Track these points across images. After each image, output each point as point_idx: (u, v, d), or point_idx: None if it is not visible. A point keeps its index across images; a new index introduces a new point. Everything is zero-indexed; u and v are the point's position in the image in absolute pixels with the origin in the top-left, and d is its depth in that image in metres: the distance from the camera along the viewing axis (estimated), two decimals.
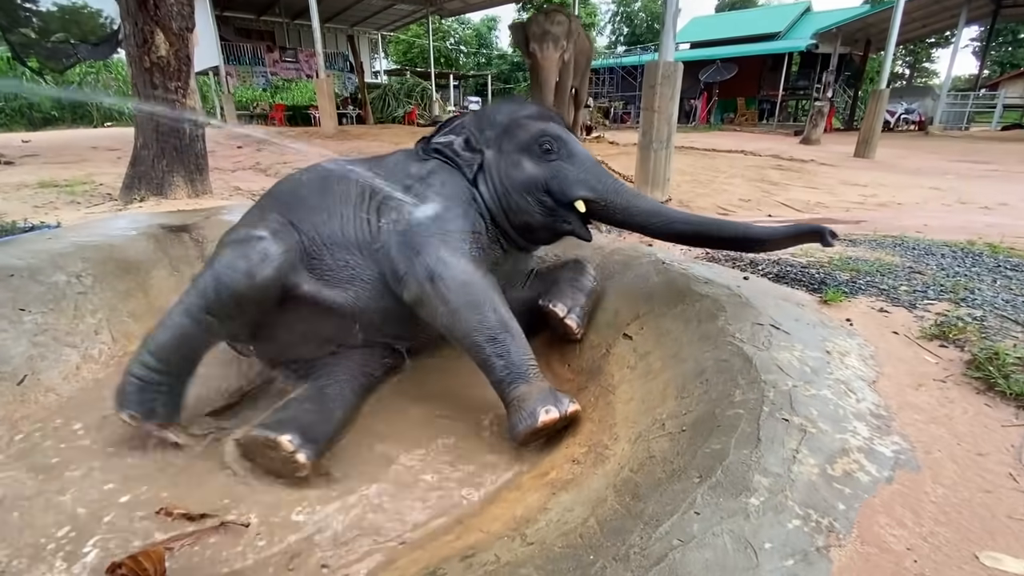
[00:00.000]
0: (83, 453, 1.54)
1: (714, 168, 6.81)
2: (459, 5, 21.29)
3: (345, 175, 1.82)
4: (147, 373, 1.52)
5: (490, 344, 1.49)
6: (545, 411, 1.39)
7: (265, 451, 1.40)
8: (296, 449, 1.37)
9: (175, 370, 1.56)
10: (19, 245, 2.31)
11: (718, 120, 22.08)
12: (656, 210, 1.70)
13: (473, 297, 1.53)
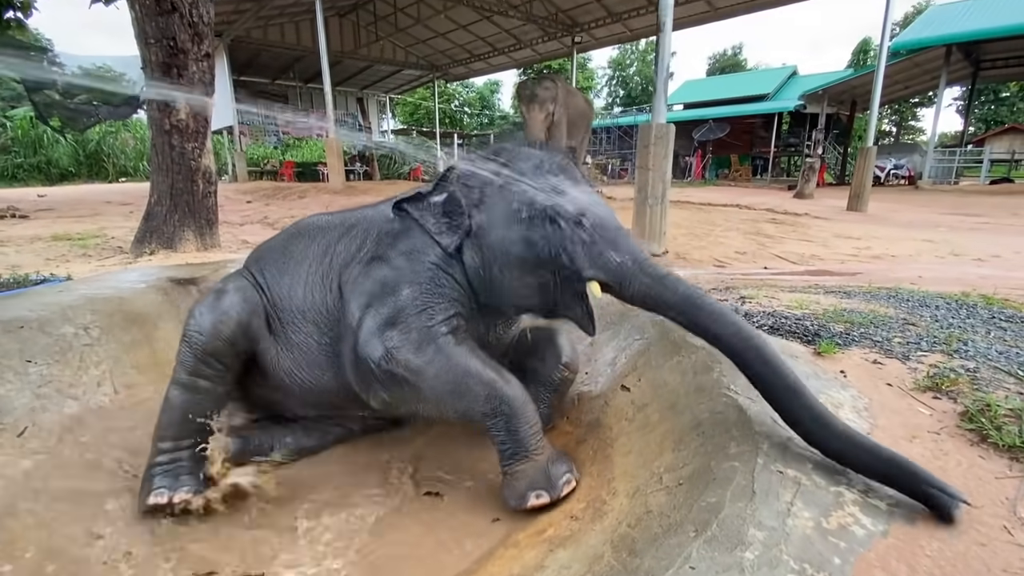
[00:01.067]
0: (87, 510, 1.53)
1: (710, 222, 6.99)
2: (463, 71, 22.56)
3: (317, 232, 1.73)
4: (163, 458, 1.52)
5: (488, 420, 1.39)
6: (535, 495, 1.37)
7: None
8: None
9: (189, 443, 1.55)
10: (31, 297, 2.37)
11: (713, 176, 22.80)
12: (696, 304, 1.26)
13: (453, 384, 1.37)
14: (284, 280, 1.66)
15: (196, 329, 1.55)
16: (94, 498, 1.55)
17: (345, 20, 19.14)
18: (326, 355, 1.59)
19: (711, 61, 44.50)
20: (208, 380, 1.56)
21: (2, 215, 7.37)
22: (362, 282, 1.51)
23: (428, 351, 1.39)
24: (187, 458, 1.54)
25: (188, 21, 3.63)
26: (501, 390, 1.37)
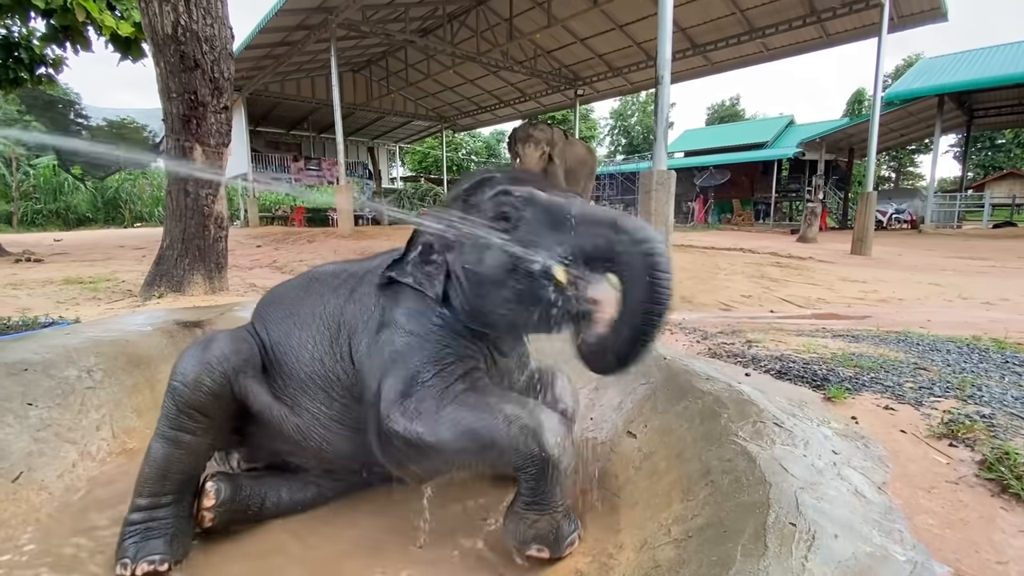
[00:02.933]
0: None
1: (714, 265, 7.01)
2: (470, 121, 23.42)
3: (325, 289, 1.67)
4: (142, 515, 1.43)
5: (521, 471, 1.29)
6: (537, 548, 1.31)
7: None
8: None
9: (171, 500, 1.47)
10: (37, 340, 2.38)
11: (715, 220, 23.10)
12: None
13: (482, 439, 1.27)
14: (291, 341, 1.60)
15: (180, 380, 1.48)
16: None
17: (358, 75, 20.11)
18: (339, 422, 1.55)
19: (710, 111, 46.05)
20: (191, 434, 1.48)
21: (18, 259, 7.54)
22: (375, 354, 1.46)
23: (449, 411, 1.30)
24: (164, 516, 1.45)
25: (209, 77, 3.82)
26: (538, 437, 1.25)
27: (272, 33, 12.58)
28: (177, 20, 3.64)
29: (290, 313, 1.66)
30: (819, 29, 12.30)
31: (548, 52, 15.99)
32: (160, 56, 3.72)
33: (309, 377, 1.56)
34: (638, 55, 15.06)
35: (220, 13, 3.84)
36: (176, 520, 1.45)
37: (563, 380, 1.73)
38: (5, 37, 8.77)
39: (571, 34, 14.71)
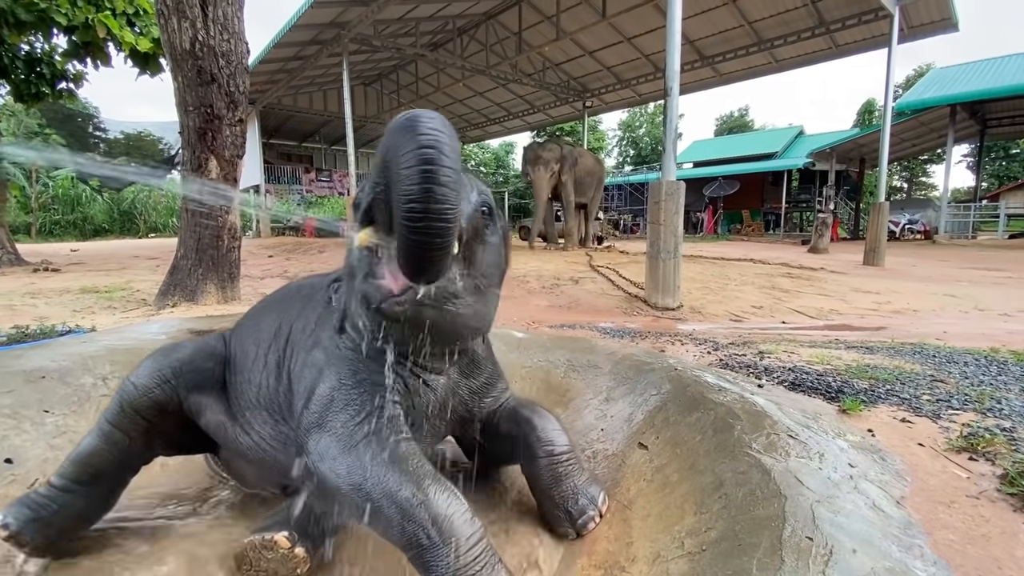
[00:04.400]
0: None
1: (724, 276, 6.97)
2: (479, 133, 23.63)
3: (285, 303, 1.57)
4: (48, 491, 1.39)
5: (406, 551, 1.09)
6: None
7: (262, 555, 1.32)
8: (294, 543, 1.31)
9: (80, 488, 1.41)
10: (54, 348, 2.42)
11: (725, 231, 23.01)
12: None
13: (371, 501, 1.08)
14: (248, 361, 1.51)
15: (132, 380, 1.45)
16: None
17: (370, 88, 20.42)
18: (284, 445, 1.41)
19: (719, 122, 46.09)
20: (125, 435, 1.43)
21: (36, 269, 7.68)
22: (302, 375, 1.34)
23: (347, 460, 1.13)
24: (61, 501, 1.38)
25: (225, 91, 3.90)
26: (421, 514, 1.04)
27: (286, 48, 12.83)
28: (195, 36, 3.72)
29: (254, 328, 1.57)
30: (828, 40, 12.31)
31: (557, 64, 16.13)
32: (178, 71, 3.80)
33: (257, 399, 1.46)
34: (646, 67, 15.15)
35: (236, 29, 3.93)
36: (68, 511, 1.39)
37: (541, 411, 1.56)
38: (28, 53, 9.02)
39: (579, 47, 14.85)
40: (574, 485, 1.49)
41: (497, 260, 1.28)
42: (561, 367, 2.41)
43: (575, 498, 1.48)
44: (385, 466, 1.12)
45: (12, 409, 1.92)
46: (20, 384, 2.01)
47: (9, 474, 1.73)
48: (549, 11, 13.54)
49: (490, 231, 1.23)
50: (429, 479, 1.12)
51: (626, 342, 2.84)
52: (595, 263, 7.98)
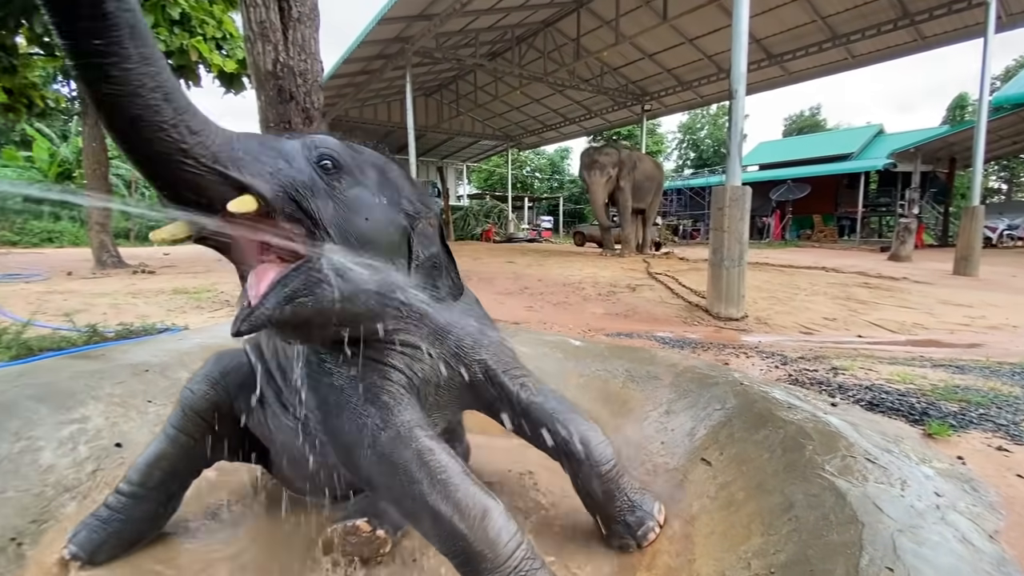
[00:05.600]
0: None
1: (793, 285, 6.62)
2: (536, 139, 23.77)
3: None
4: (117, 502, 1.46)
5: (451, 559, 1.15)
6: None
7: (346, 540, 1.41)
8: (375, 527, 1.39)
9: (148, 494, 1.49)
10: (155, 344, 2.69)
11: (794, 236, 21.77)
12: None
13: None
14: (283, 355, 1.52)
15: (190, 386, 1.53)
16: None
17: (430, 99, 21.07)
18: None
19: (787, 122, 43.80)
20: (189, 436, 1.50)
21: (135, 271, 8.50)
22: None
23: (380, 465, 1.16)
24: (129, 511, 1.46)
25: (302, 107, 4.17)
26: (456, 522, 1.07)
27: (354, 63, 13.50)
28: (276, 57, 4.01)
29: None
30: (913, 32, 11.43)
31: (615, 69, 15.96)
32: (262, 90, 4.11)
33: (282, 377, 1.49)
34: (709, 68, 14.69)
35: (313, 49, 4.20)
36: (137, 518, 1.48)
37: (593, 431, 1.47)
38: None
39: (639, 50, 14.62)
40: (628, 498, 1.48)
41: (368, 211, 1.12)
42: (619, 377, 2.39)
43: (632, 510, 1.47)
44: (414, 466, 1.11)
45: (122, 399, 2.16)
46: (128, 376, 2.26)
47: (119, 457, 1.95)
48: (608, 16, 13.44)
49: (343, 184, 1.10)
50: (458, 478, 1.11)
51: (687, 353, 2.77)
52: (653, 270, 7.81)
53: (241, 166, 0.94)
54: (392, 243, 1.17)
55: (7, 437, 1.72)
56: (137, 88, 0.79)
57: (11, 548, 1.45)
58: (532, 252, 12.85)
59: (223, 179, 0.92)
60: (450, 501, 1.07)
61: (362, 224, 1.10)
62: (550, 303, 5.66)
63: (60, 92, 11.48)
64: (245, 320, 0.97)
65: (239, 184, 0.93)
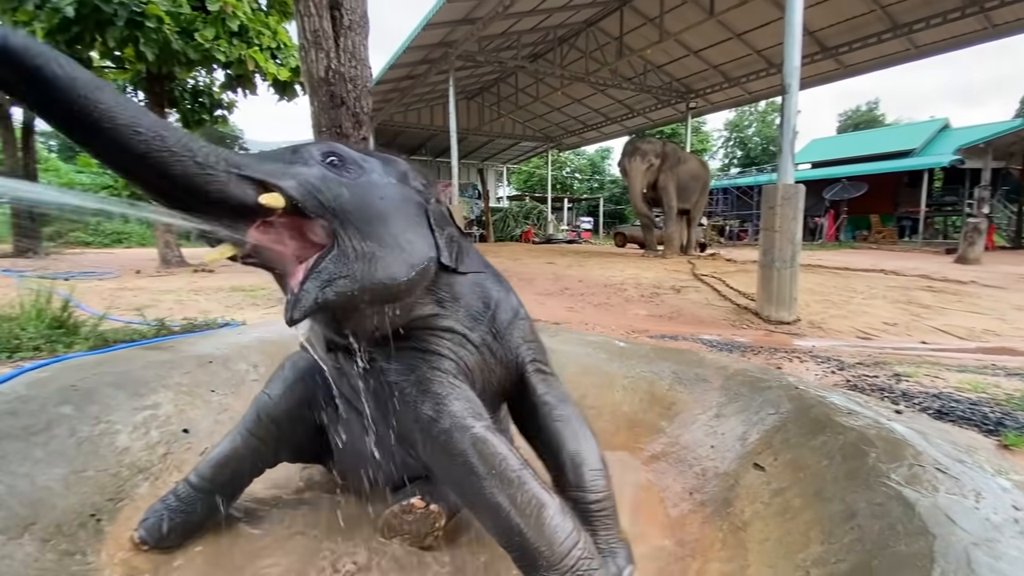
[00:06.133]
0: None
1: (849, 288, 6.31)
2: (576, 140, 23.63)
3: None
4: (187, 492, 1.54)
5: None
6: None
7: (403, 519, 1.44)
8: (428, 503, 1.42)
9: (217, 489, 1.56)
10: (217, 338, 2.84)
11: (849, 237, 20.71)
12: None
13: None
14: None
15: (267, 391, 1.59)
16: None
17: (472, 102, 21.33)
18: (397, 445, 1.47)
19: (843, 118, 41.79)
20: (260, 440, 1.57)
21: (196, 269, 9.01)
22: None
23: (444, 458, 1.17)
24: (196, 503, 1.53)
25: (352, 112, 4.32)
26: (513, 515, 1.06)
27: (399, 69, 13.84)
28: (328, 64, 4.17)
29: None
30: (982, 20, 10.67)
31: (659, 67, 15.69)
32: (314, 96, 4.28)
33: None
34: (758, 63, 14.21)
35: (363, 55, 4.34)
36: (203, 510, 1.54)
37: (591, 452, 1.35)
38: (193, 86, 10.66)
39: (684, 47, 14.31)
40: (604, 541, 1.29)
41: (381, 191, 1.17)
42: (666, 379, 2.35)
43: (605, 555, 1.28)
44: (471, 456, 1.11)
45: (188, 388, 2.29)
46: (194, 367, 2.40)
47: (186, 442, 2.07)
48: (652, 13, 13.23)
49: (352, 174, 1.15)
50: (515, 471, 1.10)
51: (737, 356, 2.69)
52: (699, 271, 7.62)
53: (260, 171, 1.01)
54: (411, 217, 1.21)
55: (88, 420, 1.85)
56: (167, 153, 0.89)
57: (91, 523, 1.57)
58: (572, 253, 12.78)
59: (248, 181, 0.98)
60: (506, 494, 1.06)
61: (379, 203, 1.14)
62: (591, 304, 5.62)
63: None
64: (294, 308, 1.02)
65: (262, 184, 1.00)
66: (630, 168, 10.69)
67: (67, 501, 1.52)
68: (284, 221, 1.04)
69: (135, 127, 0.85)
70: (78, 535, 1.46)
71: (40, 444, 1.62)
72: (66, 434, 1.72)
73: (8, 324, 2.98)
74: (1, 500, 1.38)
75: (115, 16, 7.01)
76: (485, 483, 1.08)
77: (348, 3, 4.23)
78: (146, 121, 0.87)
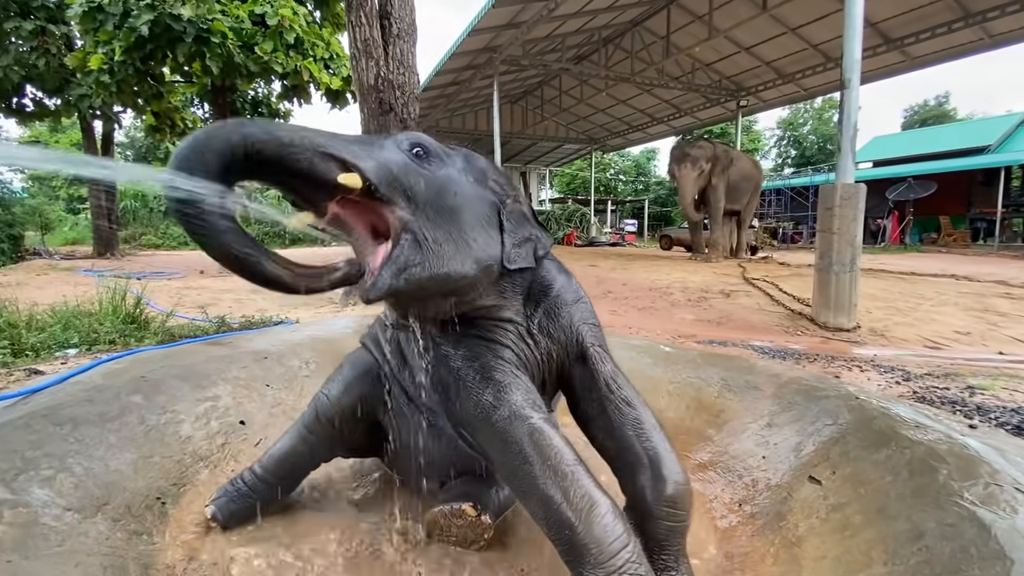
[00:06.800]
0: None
1: (916, 294, 5.91)
2: (621, 141, 23.31)
3: None
4: (252, 480, 1.64)
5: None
6: None
7: (452, 522, 1.47)
8: (480, 512, 1.44)
9: (277, 481, 1.66)
10: (272, 335, 2.98)
11: (915, 240, 19.41)
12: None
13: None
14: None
15: (325, 392, 1.65)
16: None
17: (515, 106, 21.45)
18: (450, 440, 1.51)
19: (908, 113, 39.25)
20: (318, 438, 1.65)
21: None
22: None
23: (503, 450, 1.19)
24: (258, 491, 1.63)
25: (400, 118, 4.44)
26: (565, 511, 1.05)
27: (445, 75, 14.10)
28: (378, 72, 4.30)
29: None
30: None
31: (707, 65, 15.26)
32: (364, 104, 4.43)
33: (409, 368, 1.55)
34: (814, 58, 13.56)
35: (411, 63, 4.46)
36: (263, 501, 1.64)
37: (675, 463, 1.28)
38: (253, 97, 11.26)
39: (734, 44, 13.85)
40: (676, 553, 1.26)
41: (457, 187, 1.21)
42: (714, 385, 2.28)
43: (669, 571, 1.24)
44: (527, 446, 1.12)
45: (245, 382, 2.41)
46: (251, 362, 2.52)
47: (243, 433, 2.18)
48: (701, 10, 12.89)
49: (433, 166, 1.19)
50: (569, 465, 1.09)
51: (790, 364, 2.57)
52: (749, 275, 7.34)
53: (343, 151, 1.06)
54: (483, 216, 1.24)
55: (155, 410, 1.98)
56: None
57: (156, 506, 1.67)
58: (615, 256, 12.60)
59: (331, 160, 1.03)
60: (559, 488, 1.06)
61: (452, 198, 1.18)
62: (635, 308, 5.52)
63: (196, 114, 13.14)
64: (369, 290, 1.07)
65: (344, 163, 1.05)
66: (680, 175, 10.43)
67: (136, 484, 1.62)
68: (361, 201, 1.09)
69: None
70: (145, 516, 1.56)
71: (113, 430, 1.75)
72: (136, 422, 1.85)
73: (88, 319, 3.24)
74: (80, 481, 1.49)
75: (184, 33, 7.50)
76: (539, 474, 1.08)
77: (397, 11, 4.36)
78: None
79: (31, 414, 1.62)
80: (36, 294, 5.28)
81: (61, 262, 11.10)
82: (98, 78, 8.35)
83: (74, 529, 1.33)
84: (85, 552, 1.27)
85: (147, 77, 8.83)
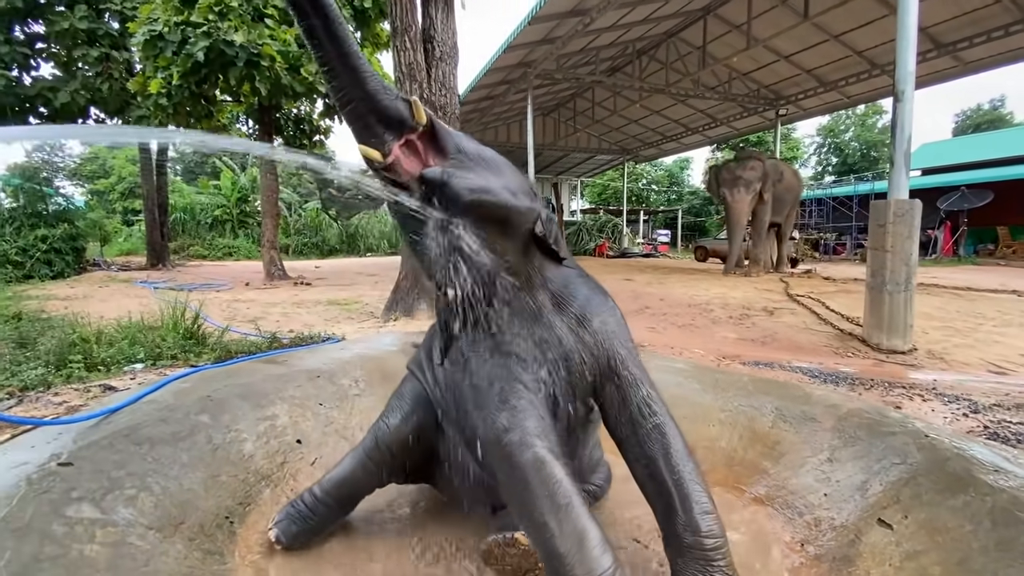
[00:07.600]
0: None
1: (975, 312, 5.61)
2: (654, 152, 23.09)
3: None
4: (312, 502, 1.69)
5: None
6: None
7: (505, 551, 1.48)
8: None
9: (336, 504, 1.71)
10: (323, 353, 3.07)
11: (970, 253, 18.43)
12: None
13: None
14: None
15: (384, 421, 1.72)
16: None
17: (548, 118, 21.55)
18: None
19: (960, 118, 37.49)
20: (376, 464, 1.70)
21: (296, 282, 9.80)
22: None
23: (510, 473, 1.26)
24: (317, 511, 1.68)
25: None
26: (557, 542, 1.12)
27: (480, 90, 14.32)
28: (421, 94, 4.42)
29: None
30: None
31: (744, 74, 14.99)
32: None
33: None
34: (858, 65, 13.14)
35: (452, 84, 4.57)
36: (322, 523, 1.69)
37: (703, 494, 1.29)
38: (296, 115, 11.71)
39: (773, 52, 13.57)
40: None
41: (493, 159, 1.37)
42: (768, 415, 2.22)
43: None
44: (530, 473, 1.18)
45: (300, 401, 2.49)
46: (304, 381, 2.60)
47: (300, 452, 2.25)
48: (739, 20, 12.70)
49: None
50: (565, 496, 1.14)
51: (847, 392, 2.48)
52: (793, 291, 7.12)
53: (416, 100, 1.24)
54: (520, 180, 1.42)
55: (221, 429, 2.06)
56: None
57: (226, 525, 1.74)
58: (650, 269, 12.44)
59: (406, 104, 1.20)
60: (555, 518, 1.12)
61: (495, 161, 1.37)
62: (675, 325, 5.43)
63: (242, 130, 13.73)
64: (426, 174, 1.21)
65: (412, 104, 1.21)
66: (733, 200, 10.18)
67: (207, 503, 1.70)
68: (421, 142, 1.23)
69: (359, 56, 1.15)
70: (216, 536, 1.63)
71: (185, 449, 1.83)
72: (204, 441, 1.93)
73: (152, 334, 3.42)
74: (158, 500, 1.57)
75: (236, 58, 7.89)
76: (537, 501, 1.15)
77: (440, 36, 4.47)
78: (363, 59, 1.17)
79: (114, 434, 1.72)
80: (101, 307, 5.61)
81: (119, 273, 11.75)
82: (156, 101, 8.85)
83: (156, 548, 1.40)
84: (167, 573, 1.34)
85: (200, 99, 9.31)
